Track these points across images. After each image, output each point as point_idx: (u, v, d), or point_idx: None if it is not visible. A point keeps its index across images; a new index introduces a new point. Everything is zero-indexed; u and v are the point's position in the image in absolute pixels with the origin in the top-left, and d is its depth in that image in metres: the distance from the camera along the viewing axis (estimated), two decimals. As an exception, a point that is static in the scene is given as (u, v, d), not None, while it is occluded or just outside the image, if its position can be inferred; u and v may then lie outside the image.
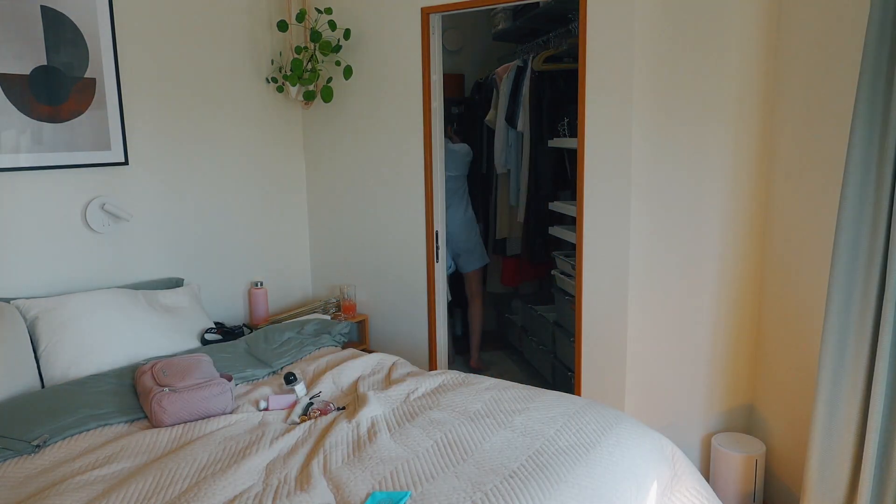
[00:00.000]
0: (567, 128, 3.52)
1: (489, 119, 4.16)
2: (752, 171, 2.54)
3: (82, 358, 2.34)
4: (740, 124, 2.50)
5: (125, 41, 2.69)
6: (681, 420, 2.69)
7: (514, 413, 2.05)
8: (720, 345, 2.65)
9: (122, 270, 2.77)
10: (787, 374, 2.48)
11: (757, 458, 2.51)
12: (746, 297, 2.63)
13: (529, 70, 3.73)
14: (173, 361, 2.24)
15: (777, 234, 2.50)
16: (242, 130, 3.15)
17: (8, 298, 2.42)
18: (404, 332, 3.20)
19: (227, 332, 2.78)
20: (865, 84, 1.84)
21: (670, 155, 2.51)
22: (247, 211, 3.22)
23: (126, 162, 2.73)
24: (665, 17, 2.42)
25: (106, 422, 2.06)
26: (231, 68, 3.07)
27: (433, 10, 2.86)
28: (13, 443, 1.89)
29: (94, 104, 2.61)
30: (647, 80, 2.44)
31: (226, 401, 2.13)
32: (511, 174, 4.07)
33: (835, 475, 2.04)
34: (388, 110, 3.06)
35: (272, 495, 1.63)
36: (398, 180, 3.08)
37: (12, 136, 2.42)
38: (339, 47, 3.01)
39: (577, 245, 2.67)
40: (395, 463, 1.78)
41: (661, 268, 2.58)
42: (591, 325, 2.67)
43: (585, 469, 1.77)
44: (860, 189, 1.89)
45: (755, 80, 2.47)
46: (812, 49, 2.27)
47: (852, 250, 1.93)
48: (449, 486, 1.66)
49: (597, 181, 2.56)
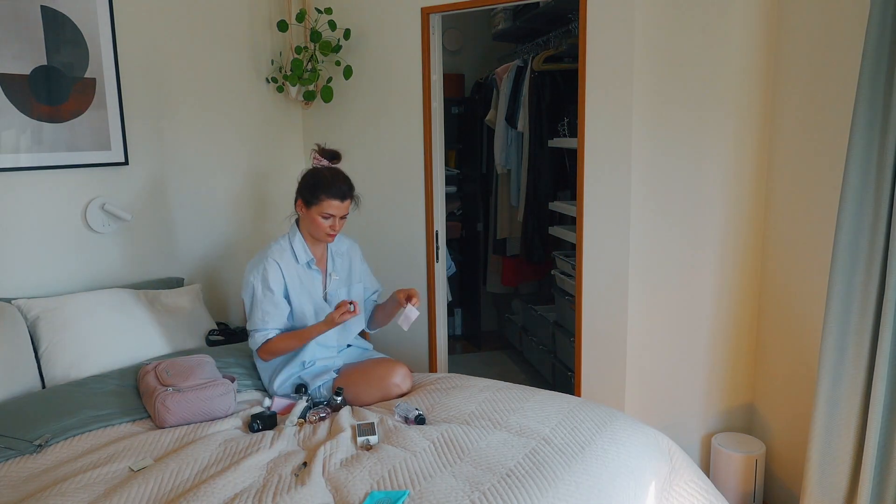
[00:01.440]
0: (567, 128, 3.52)
1: (489, 119, 4.16)
2: (752, 171, 2.54)
3: (83, 358, 2.34)
4: (740, 124, 2.50)
5: (125, 41, 2.69)
6: (681, 420, 2.69)
7: (509, 412, 2.06)
8: (720, 345, 2.65)
9: (122, 270, 2.77)
10: (787, 373, 2.48)
11: (757, 458, 2.51)
12: (746, 296, 2.63)
13: (529, 70, 3.73)
14: (177, 362, 2.24)
15: (777, 234, 2.50)
16: (243, 130, 3.15)
17: (8, 298, 2.42)
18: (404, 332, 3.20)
19: (230, 333, 2.78)
20: (865, 83, 1.84)
21: (670, 155, 2.51)
22: (246, 210, 3.22)
23: (126, 162, 2.73)
24: (665, 18, 2.42)
25: (108, 422, 2.06)
26: (231, 68, 3.07)
27: (433, 10, 2.86)
28: (15, 442, 1.89)
29: (94, 104, 2.61)
30: (647, 80, 2.44)
31: (229, 401, 2.14)
32: (511, 174, 4.08)
33: (835, 475, 2.04)
34: (388, 110, 3.06)
35: (272, 494, 1.63)
36: (398, 180, 3.08)
37: (12, 136, 2.42)
38: (339, 47, 3.01)
39: (577, 245, 2.67)
40: (393, 462, 1.78)
41: (661, 268, 2.58)
42: (591, 325, 2.67)
43: (582, 466, 1.77)
44: (860, 189, 1.89)
45: (756, 83, 2.47)
46: (812, 51, 2.27)
47: (852, 250, 1.93)
48: (447, 486, 1.66)
49: (597, 181, 2.56)
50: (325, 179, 2.30)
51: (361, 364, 2.43)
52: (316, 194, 2.29)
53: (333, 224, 2.32)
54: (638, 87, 2.44)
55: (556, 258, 3.63)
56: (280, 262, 2.32)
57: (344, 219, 2.35)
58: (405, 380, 2.32)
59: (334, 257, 2.46)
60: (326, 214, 2.29)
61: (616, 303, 2.59)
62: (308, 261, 2.37)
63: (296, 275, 2.36)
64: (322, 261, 2.44)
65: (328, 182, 2.29)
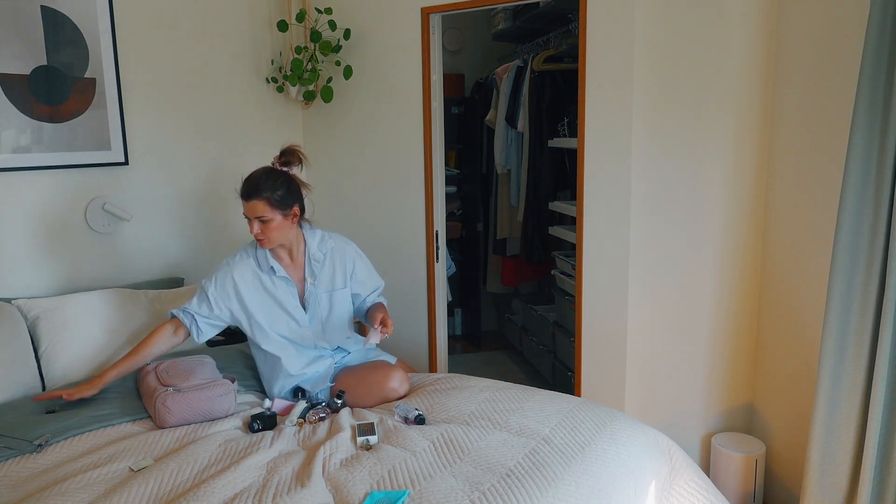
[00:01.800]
0: (567, 128, 3.52)
1: (489, 119, 4.16)
2: (752, 171, 2.54)
3: (83, 358, 2.34)
4: (740, 124, 2.50)
5: (125, 41, 2.69)
6: (681, 420, 2.69)
7: (509, 413, 2.06)
8: (720, 345, 2.65)
9: (122, 270, 2.77)
10: (787, 373, 2.49)
11: (757, 458, 2.51)
12: (746, 296, 2.63)
13: (529, 70, 3.73)
14: (177, 362, 2.24)
15: (777, 234, 2.50)
16: (242, 130, 3.15)
17: (8, 298, 2.42)
18: (404, 332, 3.20)
19: (230, 333, 2.78)
20: (865, 83, 1.84)
21: (670, 154, 2.51)
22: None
23: (126, 162, 2.73)
24: (665, 18, 2.42)
25: (109, 422, 2.06)
26: (231, 68, 3.07)
27: (433, 10, 2.86)
28: (15, 442, 1.89)
29: (94, 104, 2.61)
30: (647, 80, 2.45)
31: (229, 402, 2.14)
32: (511, 174, 4.08)
33: (835, 475, 2.04)
34: (388, 110, 3.06)
35: (272, 494, 1.63)
36: (398, 180, 3.08)
37: (12, 136, 2.43)
38: (339, 47, 3.01)
39: (577, 245, 2.67)
40: (393, 462, 1.78)
41: (661, 268, 2.58)
42: (591, 325, 2.67)
43: (582, 466, 1.77)
44: (860, 189, 1.89)
45: (756, 82, 2.47)
46: (812, 50, 2.27)
47: (852, 250, 1.93)
48: (447, 486, 1.66)
49: (597, 181, 2.56)
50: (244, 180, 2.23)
51: (359, 368, 2.40)
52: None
53: (256, 228, 2.19)
54: (638, 87, 2.44)
55: (556, 258, 3.63)
56: (237, 275, 2.26)
57: (267, 224, 2.18)
58: (402, 384, 2.31)
59: (311, 261, 2.34)
60: (245, 217, 2.22)
61: (616, 303, 2.60)
62: (270, 267, 2.27)
63: (257, 281, 2.27)
64: (299, 265, 2.34)
65: (244, 182, 2.23)
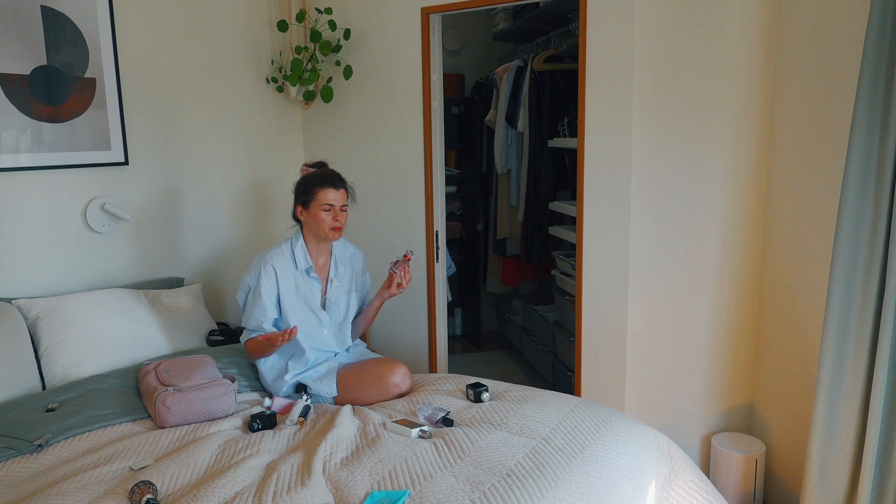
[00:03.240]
0: (567, 128, 3.52)
1: (489, 119, 4.16)
2: (752, 171, 2.54)
3: (83, 358, 2.34)
4: (741, 124, 2.50)
5: (125, 41, 2.69)
6: (681, 420, 2.69)
7: (509, 413, 2.06)
8: (720, 344, 2.65)
9: (122, 270, 2.77)
10: (786, 373, 2.49)
11: (757, 458, 2.51)
12: (746, 296, 2.63)
13: (529, 70, 3.73)
14: (177, 361, 2.24)
15: (777, 234, 2.50)
16: (242, 130, 3.15)
17: (9, 298, 2.42)
18: (404, 332, 3.20)
19: (230, 333, 2.78)
20: (865, 83, 1.85)
21: (670, 155, 2.51)
22: (246, 210, 3.22)
23: (126, 162, 2.73)
24: (665, 18, 2.42)
25: (109, 422, 2.06)
26: (231, 68, 3.07)
27: (433, 10, 2.86)
28: (15, 442, 1.89)
29: (94, 104, 2.61)
30: (647, 80, 2.45)
31: (229, 402, 2.14)
32: (511, 174, 4.08)
33: (835, 475, 2.04)
34: (388, 110, 3.06)
35: (272, 494, 1.63)
36: (398, 180, 3.08)
37: (12, 136, 2.43)
38: (339, 47, 3.01)
39: (577, 245, 2.67)
40: (394, 462, 1.78)
41: (661, 268, 2.58)
42: (591, 325, 2.67)
43: (582, 466, 1.77)
44: (860, 189, 1.89)
45: (756, 82, 2.47)
46: (812, 50, 2.27)
47: (852, 250, 1.93)
48: (447, 486, 1.66)
49: (597, 181, 2.56)
50: (316, 176, 2.37)
51: (360, 364, 2.43)
52: (310, 190, 2.33)
53: (336, 215, 2.33)
54: (638, 87, 2.44)
55: (556, 258, 3.63)
56: (277, 266, 2.33)
57: (345, 211, 2.36)
58: (405, 379, 2.31)
59: (338, 264, 2.46)
60: (326, 206, 2.31)
61: (616, 303, 2.60)
62: (307, 267, 2.37)
63: (293, 280, 2.36)
64: (325, 267, 2.44)
65: (319, 176, 2.36)
